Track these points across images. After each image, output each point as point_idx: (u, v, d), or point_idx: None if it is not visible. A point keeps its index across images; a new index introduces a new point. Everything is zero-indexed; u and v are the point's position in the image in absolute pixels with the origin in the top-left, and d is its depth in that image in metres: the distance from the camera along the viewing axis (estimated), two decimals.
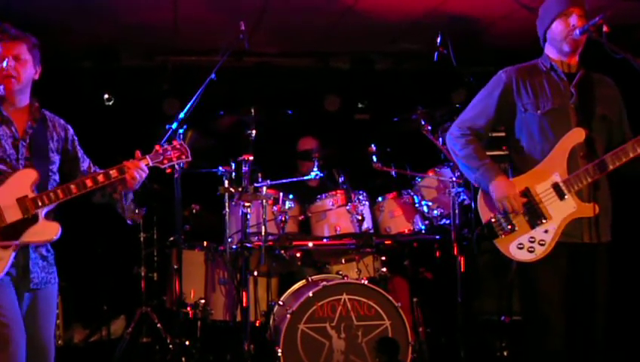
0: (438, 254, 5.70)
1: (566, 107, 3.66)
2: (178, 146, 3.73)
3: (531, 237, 3.63)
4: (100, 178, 3.48)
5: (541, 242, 3.61)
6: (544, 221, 3.61)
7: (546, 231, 3.61)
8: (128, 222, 3.77)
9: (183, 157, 3.72)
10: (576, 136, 3.60)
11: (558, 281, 3.62)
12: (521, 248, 3.64)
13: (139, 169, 3.53)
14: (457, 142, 3.87)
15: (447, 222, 5.15)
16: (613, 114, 3.74)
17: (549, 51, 3.79)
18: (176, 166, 3.85)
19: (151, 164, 3.62)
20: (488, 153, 3.93)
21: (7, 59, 3.38)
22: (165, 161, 3.68)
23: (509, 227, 3.65)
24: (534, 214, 3.63)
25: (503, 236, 3.66)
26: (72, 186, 3.43)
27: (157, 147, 3.69)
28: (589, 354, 3.64)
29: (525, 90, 3.73)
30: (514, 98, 3.75)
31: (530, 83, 3.74)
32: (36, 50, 3.51)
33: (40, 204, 3.37)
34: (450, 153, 3.98)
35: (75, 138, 3.70)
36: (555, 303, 3.62)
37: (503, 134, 3.99)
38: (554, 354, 3.60)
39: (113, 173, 3.50)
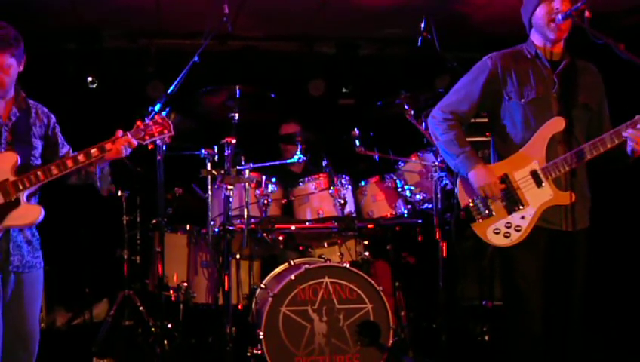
0: (420, 238, 5.72)
1: (548, 96, 3.67)
2: (160, 120, 3.68)
3: (507, 223, 3.66)
4: (81, 158, 3.47)
5: (517, 228, 3.64)
6: (521, 207, 3.64)
7: (522, 218, 3.64)
8: (104, 194, 3.75)
9: (165, 131, 3.68)
10: (556, 124, 3.62)
11: (536, 262, 3.65)
12: (497, 233, 3.67)
13: (126, 144, 3.53)
14: (439, 126, 3.87)
15: (430, 206, 5.16)
16: (594, 103, 3.75)
17: (534, 38, 3.77)
18: (159, 142, 3.81)
19: (133, 141, 3.59)
20: (470, 139, 3.96)
21: None
22: (147, 137, 3.64)
23: (487, 212, 3.68)
24: (511, 200, 3.66)
25: (481, 220, 3.70)
26: (53, 167, 3.42)
27: (138, 122, 3.66)
28: (567, 339, 3.67)
29: (510, 78, 3.73)
30: (499, 85, 3.75)
31: (515, 70, 3.74)
32: (20, 49, 3.45)
33: (21, 186, 3.37)
34: (431, 136, 3.99)
35: (57, 126, 3.70)
36: (533, 283, 3.65)
37: (485, 120, 4.02)
38: (532, 336, 3.63)
39: (94, 151, 3.49)
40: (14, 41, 3.39)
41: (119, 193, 5.80)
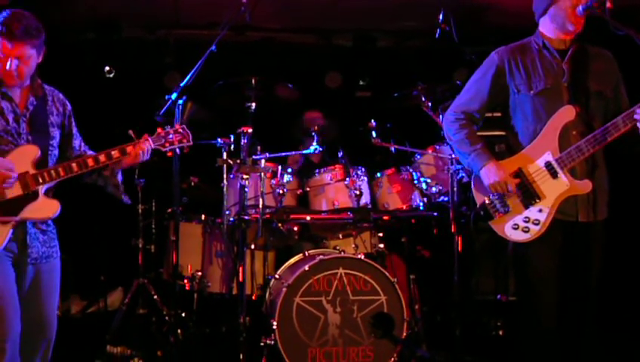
0: (435, 231, 5.70)
1: (559, 86, 3.64)
2: (180, 130, 3.76)
3: (525, 218, 3.63)
4: (102, 158, 3.51)
5: (535, 221, 3.61)
6: (537, 200, 3.61)
7: (540, 211, 3.61)
8: (124, 200, 3.77)
9: (185, 141, 3.75)
10: (567, 113, 3.58)
11: (551, 257, 3.62)
12: (515, 228, 3.64)
13: (144, 150, 3.56)
14: (451, 126, 3.88)
15: (446, 199, 5.14)
16: (608, 89, 3.70)
17: (545, 28, 3.74)
18: (177, 150, 3.88)
19: (153, 146, 3.65)
20: (485, 134, 3.94)
21: (10, 61, 3.34)
22: (167, 145, 3.72)
23: (504, 208, 3.65)
24: (528, 194, 3.63)
25: (498, 217, 3.67)
26: (74, 164, 3.44)
27: (159, 130, 3.72)
28: (582, 332, 3.65)
29: (518, 71, 3.72)
30: (506, 79, 3.74)
31: (522, 63, 3.72)
32: (41, 40, 3.44)
33: (41, 180, 3.38)
34: (446, 137, 3.99)
35: (72, 114, 3.69)
36: (547, 280, 3.63)
37: (499, 114, 3.98)
38: (545, 331, 3.61)
39: (115, 153, 3.52)
40: (36, 32, 3.38)
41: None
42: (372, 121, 5.31)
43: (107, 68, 6.93)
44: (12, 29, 3.30)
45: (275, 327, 4.56)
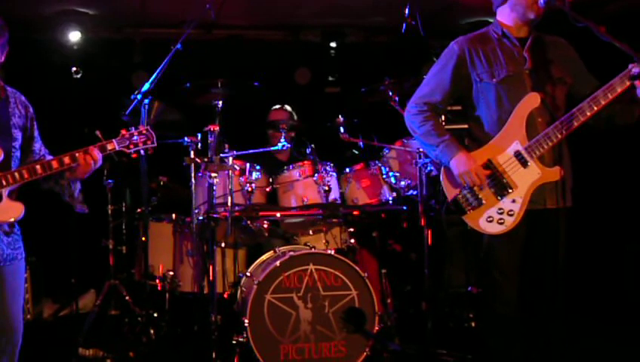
0: (405, 225, 5.72)
1: (521, 73, 3.66)
2: (145, 132, 3.73)
3: (499, 209, 3.63)
4: (66, 160, 3.46)
5: (510, 212, 3.61)
6: (510, 191, 3.61)
7: (513, 201, 3.61)
8: (78, 209, 3.74)
9: (149, 142, 3.73)
10: (532, 101, 3.60)
11: (514, 250, 3.66)
12: (490, 221, 3.64)
13: (96, 159, 3.51)
14: (415, 119, 3.85)
15: (415, 193, 5.15)
16: (570, 75, 3.73)
17: (504, 17, 3.77)
18: (142, 151, 3.87)
19: (117, 148, 3.63)
20: (452, 127, 3.93)
21: None
22: (131, 146, 3.69)
23: (476, 202, 3.64)
24: (500, 185, 3.62)
25: (471, 211, 3.66)
26: (38, 167, 3.41)
27: (123, 131, 3.69)
28: (549, 317, 3.69)
29: (479, 60, 3.72)
30: (468, 69, 3.74)
31: (483, 51, 3.73)
32: (4, 39, 3.41)
33: (4, 183, 3.34)
34: (410, 130, 3.95)
35: (34, 117, 3.64)
36: (509, 272, 3.66)
37: (459, 108, 3.98)
38: (504, 318, 3.66)
39: (80, 155, 3.47)
40: (0, 30, 3.36)
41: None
42: (340, 116, 5.30)
43: (74, 69, 6.87)
44: None
45: (246, 325, 4.55)
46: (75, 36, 6.82)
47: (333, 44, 7.33)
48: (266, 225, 5.30)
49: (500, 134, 3.65)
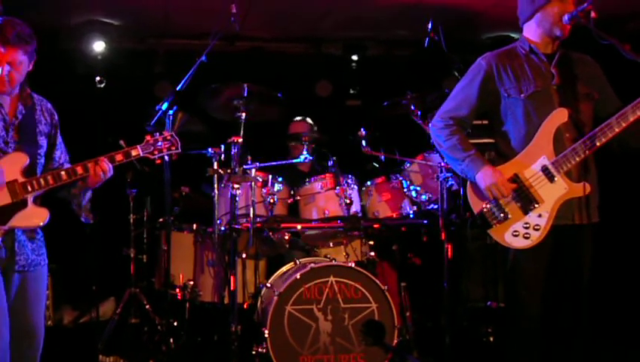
0: (425, 239, 5.72)
1: (548, 88, 3.67)
2: (169, 137, 3.73)
3: (525, 223, 3.62)
4: (91, 165, 3.48)
5: (536, 227, 3.60)
6: (536, 205, 3.61)
7: (539, 216, 3.61)
8: (82, 219, 3.76)
9: (173, 148, 3.74)
10: (560, 116, 3.60)
11: (539, 265, 3.65)
12: (516, 235, 3.63)
13: (105, 170, 3.51)
14: (441, 133, 3.86)
15: (436, 207, 5.16)
16: (596, 91, 3.74)
17: (530, 33, 3.78)
18: (166, 157, 3.88)
19: (141, 154, 3.64)
20: (476, 141, 3.94)
21: (2, 67, 3.33)
22: (156, 152, 3.69)
23: (502, 215, 3.64)
24: (526, 199, 3.62)
25: (497, 225, 3.66)
26: (63, 173, 3.43)
27: (148, 137, 3.69)
28: (572, 335, 3.68)
29: (506, 75, 3.73)
30: (495, 84, 3.75)
31: (510, 67, 3.74)
32: (33, 47, 3.44)
33: (30, 189, 3.37)
34: (436, 145, 3.97)
35: (58, 124, 3.68)
36: (535, 289, 3.65)
37: (485, 122, 3.99)
38: (527, 333, 3.66)
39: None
40: (29, 38, 3.38)
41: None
42: (362, 129, 5.33)
43: (98, 78, 6.94)
44: (5, 34, 3.30)
45: (266, 336, 4.57)
46: (99, 46, 6.89)
47: (354, 57, 7.36)
48: (287, 237, 5.33)
49: (527, 149, 3.66)
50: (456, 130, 3.82)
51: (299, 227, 5.25)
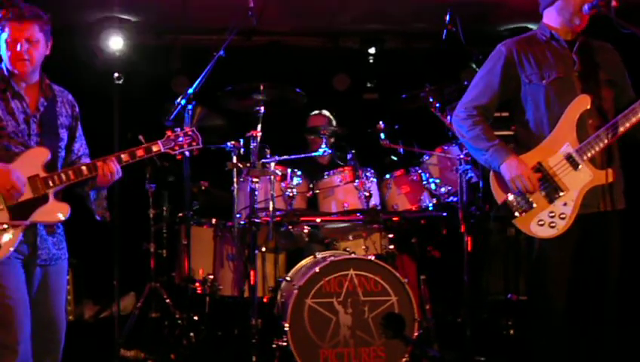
0: (444, 232, 5.71)
1: (570, 75, 3.63)
2: (190, 133, 3.75)
3: (551, 212, 3.58)
4: (100, 164, 3.49)
5: (562, 216, 3.56)
6: (561, 193, 3.57)
7: (565, 204, 3.57)
8: (97, 218, 3.77)
9: (194, 143, 3.76)
10: (582, 103, 3.57)
11: (565, 255, 3.61)
12: (542, 225, 3.59)
13: (113, 171, 3.50)
14: (464, 123, 3.81)
15: (455, 199, 5.15)
16: (617, 78, 3.71)
17: (550, 19, 3.75)
18: (187, 153, 3.88)
19: (162, 150, 3.66)
20: (496, 133, 3.91)
21: (20, 43, 3.37)
22: (177, 148, 3.71)
23: (527, 205, 3.60)
24: (551, 188, 3.59)
25: (522, 215, 3.62)
26: (84, 168, 3.46)
27: (169, 133, 3.71)
28: (603, 323, 3.64)
29: (528, 61, 3.69)
30: (517, 70, 3.71)
31: (531, 53, 3.70)
32: (48, 26, 3.48)
33: (51, 184, 3.40)
34: (458, 135, 3.94)
35: (79, 116, 3.70)
36: (560, 281, 3.61)
37: (505, 114, 3.96)
38: (555, 331, 3.62)
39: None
40: (43, 15, 3.43)
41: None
42: (380, 122, 5.32)
43: (116, 74, 6.95)
44: (21, 9, 3.35)
45: (286, 329, 4.57)
46: (117, 43, 6.91)
47: (372, 50, 7.34)
48: (306, 230, 5.33)
49: (550, 137, 3.62)
50: (480, 120, 3.77)
51: (318, 220, 5.26)
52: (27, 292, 3.40)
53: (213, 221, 5.53)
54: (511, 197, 3.64)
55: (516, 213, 3.63)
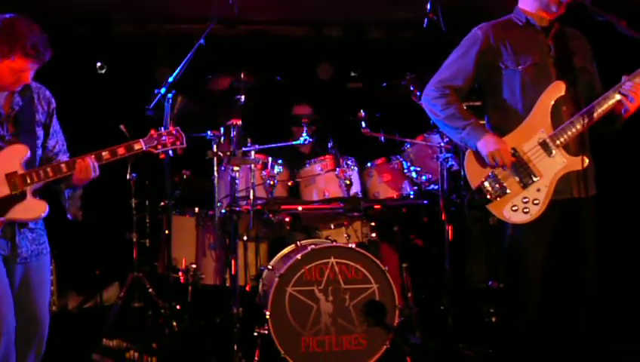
0: (425, 220, 5.73)
1: (546, 61, 3.64)
2: (174, 132, 3.73)
3: (524, 198, 3.59)
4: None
5: (535, 201, 3.57)
6: (535, 179, 3.58)
7: (538, 190, 3.58)
8: (68, 216, 3.76)
9: (178, 143, 3.74)
10: (557, 89, 3.58)
11: (539, 241, 3.63)
12: (515, 210, 3.60)
13: (88, 166, 3.47)
14: (437, 102, 3.79)
15: (436, 187, 5.16)
16: (590, 65, 3.73)
17: (526, 4, 3.74)
18: (170, 152, 3.87)
19: (144, 149, 3.63)
20: None
21: (20, 77, 3.35)
22: (159, 146, 3.69)
23: (501, 190, 3.60)
24: (524, 173, 3.59)
25: (496, 200, 3.62)
26: (63, 166, 3.42)
27: (152, 131, 3.69)
28: (580, 311, 3.66)
29: (504, 47, 3.68)
30: (493, 55, 3.70)
31: (508, 39, 3.69)
32: (47, 55, 3.41)
33: (29, 181, 3.37)
34: (430, 115, 3.90)
35: (55, 112, 3.65)
36: (537, 269, 3.63)
37: (478, 103, 3.96)
38: (527, 314, 3.64)
39: (105, 154, 3.50)
40: (48, 56, 3.39)
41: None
42: (361, 111, 5.32)
43: (99, 64, 6.94)
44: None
45: (268, 317, 4.58)
46: (99, 32, 6.89)
47: (355, 40, 7.33)
48: (287, 219, 5.34)
49: (525, 122, 3.62)
50: (453, 99, 3.75)
51: (299, 209, 5.26)
52: (9, 287, 3.38)
53: (196, 210, 5.53)
54: (486, 183, 3.63)
55: (491, 198, 3.62)
